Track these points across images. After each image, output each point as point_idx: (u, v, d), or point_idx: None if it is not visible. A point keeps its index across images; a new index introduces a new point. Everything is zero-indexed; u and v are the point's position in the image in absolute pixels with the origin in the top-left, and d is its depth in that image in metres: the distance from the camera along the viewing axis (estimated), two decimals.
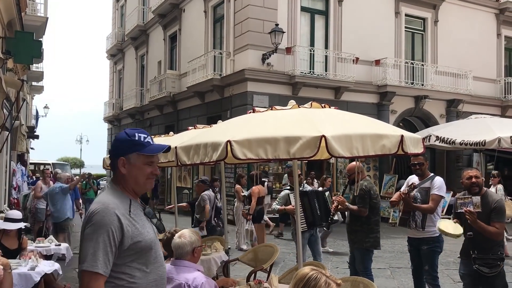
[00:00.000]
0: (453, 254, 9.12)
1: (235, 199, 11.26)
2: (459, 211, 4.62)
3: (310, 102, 4.34)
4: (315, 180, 13.67)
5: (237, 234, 10.69)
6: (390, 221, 13.57)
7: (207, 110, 17.78)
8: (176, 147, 4.36)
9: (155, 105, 21.90)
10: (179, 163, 4.34)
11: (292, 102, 4.45)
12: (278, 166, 15.19)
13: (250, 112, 4.53)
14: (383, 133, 3.83)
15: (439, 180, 5.54)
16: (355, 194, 5.77)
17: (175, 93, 19.98)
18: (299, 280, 2.22)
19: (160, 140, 6.75)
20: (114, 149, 2.36)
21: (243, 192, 10.42)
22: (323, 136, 3.48)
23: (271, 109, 4.34)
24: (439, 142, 13.87)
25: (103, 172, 30.76)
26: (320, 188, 7.67)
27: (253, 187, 10.06)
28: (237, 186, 10.90)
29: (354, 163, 5.96)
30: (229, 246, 6.75)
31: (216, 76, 16.19)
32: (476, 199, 4.48)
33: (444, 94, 17.94)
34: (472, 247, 4.56)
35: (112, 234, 2.13)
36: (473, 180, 4.59)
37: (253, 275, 5.26)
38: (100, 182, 23.47)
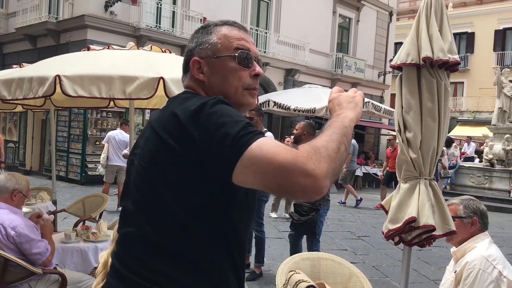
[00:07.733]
0: None
1: None
2: None
3: (150, 45, 4.20)
4: None
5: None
6: None
7: (40, 56, 16.04)
8: None
9: None
10: None
11: (131, 44, 4.25)
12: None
13: (84, 50, 4.21)
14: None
15: (269, 135, 5.95)
16: None
17: (1, 35, 17.70)
18: None
19: None
20: None
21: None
22: (162, 78, 3.40)
23: (108, 48, 4.09)
24: (277, 108, 14.72)
25: None
26: None
27: None
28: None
29: None
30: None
31: (51, 20, 14.70)
32: None
33: (283, 63, 18.99)
34: None
35: None
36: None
37: (80, 223, 5.02)
38: None
